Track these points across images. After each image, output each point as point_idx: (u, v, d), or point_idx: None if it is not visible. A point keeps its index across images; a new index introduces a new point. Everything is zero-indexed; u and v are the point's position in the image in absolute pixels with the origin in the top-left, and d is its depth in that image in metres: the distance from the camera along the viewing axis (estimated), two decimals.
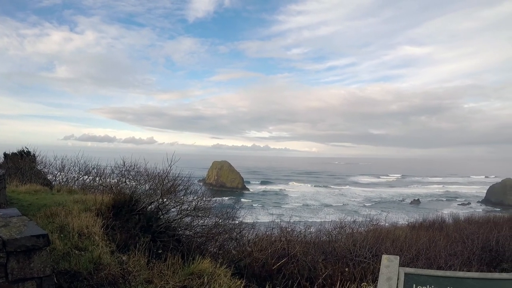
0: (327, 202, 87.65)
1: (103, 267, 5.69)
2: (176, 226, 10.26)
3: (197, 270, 6.18)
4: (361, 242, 10.90)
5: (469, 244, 13.03)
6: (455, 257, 11.44)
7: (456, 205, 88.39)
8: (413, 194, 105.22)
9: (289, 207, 77.24)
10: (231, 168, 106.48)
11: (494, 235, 13.40)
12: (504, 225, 16.18)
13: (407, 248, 11.25)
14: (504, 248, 12.79)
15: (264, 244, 9.78)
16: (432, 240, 13.04)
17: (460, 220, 22.86)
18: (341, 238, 12.04)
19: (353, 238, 11.54)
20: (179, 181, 11.57)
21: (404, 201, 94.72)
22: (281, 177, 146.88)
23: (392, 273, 2.69)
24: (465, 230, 15.27)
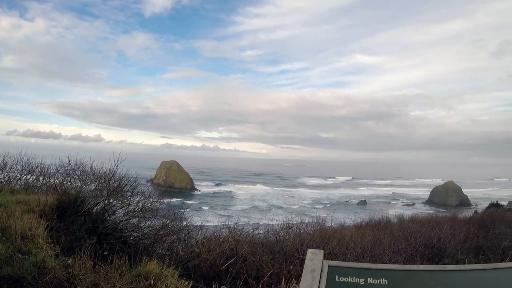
0: (276, 203, 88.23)
1: (48, 271, 5.51)
2: (123, 227, 10.05)
3: (144, 272, 6.11)
4: (308, 242, 11.05)
5: (412, 241, 13.46)
6: (399, 254, 11.78)
7: (401, 206, 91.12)
8: (361, 196, 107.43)
9: (238, 208, 77.25)
10: (180, 168, 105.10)
11: (435, 233, 13.89)
12: (445, 223, 16.76)
13: (353, 247, 11.48)
14: (445, 245, 13.29)
15: (213, 245, 9.77)
16: (377, 238, 13.38)
17: (405, 220, 23.48)
18: (289, 238, 12.15)
19: (300, 238, 11.67)
20: (126, 181, 11.37)
21: (352, 202, 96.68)
22: (230, 178, 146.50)
23: (316, 265, 2.83)
24: (408, 228, 15.74)
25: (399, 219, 24.34)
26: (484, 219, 20.59)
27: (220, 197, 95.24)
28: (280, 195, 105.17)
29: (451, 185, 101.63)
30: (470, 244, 14.22)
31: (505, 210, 28.47)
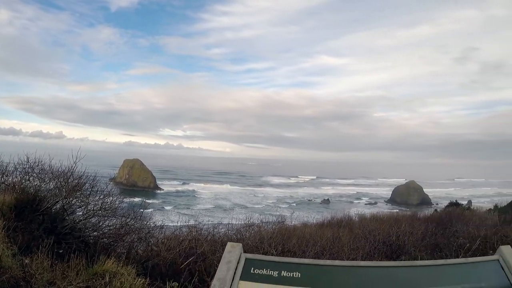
0: (239, 202, 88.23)
1: (5, 270, 5.47)
2: (82, 227, 9.96)
3: (100, 270, 6.11)
4: (268, 240, 11.15)
5: (371, 239, 13.67)
6: (358, 251, 11.99)
7: (363, 205, 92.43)
8: (324, 195, 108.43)
9: (202, 207, 76.83)
10: (143, 166, 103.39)
11: (394, 231, 14.18)
12: (404, 221, 17.09)
13: (312, 244, 11.60)
14: (404, 242, 13.56)
15: (173, 243, 9.76)
16: (337, 236, 13.60)
17: (366, 218, 23.83)
18: (249, 236, 12.24)
19: (260, 236, 11.78)
20: (86, 179, 11.23)
21: (315, 201, 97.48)
22: (194, 177, 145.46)
23: (232, 258, 2.94)
24: (368, 226, 15.99)
25: (360, 218, 24.69)
26: (443, 217, 21.04)
27: (183, 196, 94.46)
28: (244, 194, 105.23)
29: (413, 184, 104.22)
30: (428, 241, 14.52)
31: (463, 208, 29.25)
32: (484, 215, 23.39)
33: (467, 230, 15.16)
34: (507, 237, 13.72)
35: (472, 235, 14.22)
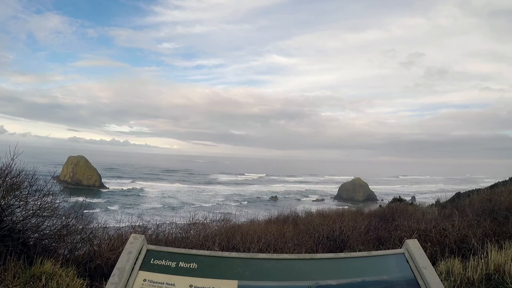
0: (187, 200, 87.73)
1: None
2: (22, 228, 9.73)
3: (38, 272, 6.03)
4: (213, 237, 11.22)
5: (315, 234, 13.92)
6: (301, 246, 12.21)
7: (311, 201, 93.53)
8: (272, 192, 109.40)
9: (149, 206, 75.94)
10: (88, 164, 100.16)
11: (338, 226, 14.48)
12: (348, 216, 17.43)
13: (257, 240, 11.73)
14: (347, 236, 13.87)
15: (116, 243, 9.67)
16: (281, 232, 13.78)
17: (312, 214, 24.15)
18: (194, 234, 12.26)
19: (205, 234, 11.83)
20: (25, 177, 10.87)
21: (263, 199, 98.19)
22: (141, 174, 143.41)
23: (133, 249, 3.01)
24: (312, 222, 16.26)
25: (306, 214, 25.01)
26: (386, 212, 21.48)
27: (129, 195, 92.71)
28: (192, 192, 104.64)
29: (358, 181, 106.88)
30: (371, 235, 14.83)
31: (406, 204, 30.07)
32: (426, 210, 24.19)
33: (408, 224, 15.60)
34: (446, 230, 14.21)
35: (412, 229, 14.68)
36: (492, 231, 13.94)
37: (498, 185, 33.15)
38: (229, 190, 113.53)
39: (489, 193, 24.17)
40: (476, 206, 19.45)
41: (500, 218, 15.63)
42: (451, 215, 17.58)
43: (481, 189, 32.18)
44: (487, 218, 15.85)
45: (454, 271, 7.59)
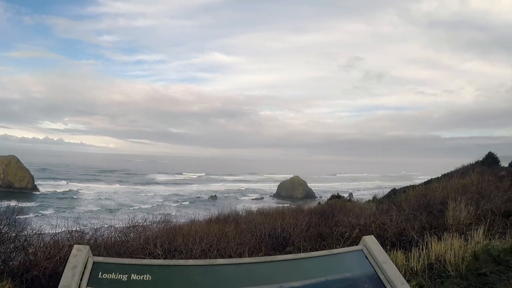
0: (125, 202, 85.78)
1: None
2: None
3: None
4: (154, 239, 10.96)
5: (257, 232, 13.90)
6: (244, 245, 12.13)
7: (250, 200, 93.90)
8: (212, 191, 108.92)
9: (85, 209, 73.46)
10: (19, 164, 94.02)
11: (279, 223, 14.52)
12: (289, 214, 17.55)
13: (198, 241, 11.56)
14: (289, 234, 13.93)
15: (52, 251, 9.22)
16: (223, 232, 13.67)
17: (253, 213, 24.18)
18: (134, 237, 11.94)
19: (145, 236, 11.55)
20: None
21: (203, 198, 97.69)
22: (76, 175, 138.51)
23: (78, 262, 2.70)
24: (254, 220, 16.25)
25: (247, 212, 25.04)
26: (325, 209, 21.74)
27: (64, 198, 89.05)
28: (129, 193, 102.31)
29: (297, 179, 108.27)
30: (312, 231, 14.96)
31: (345, 200, 30.71)
32: (364, 205, 24.74)
33: (348, 220, 15.86)
34: (384, 224, 14.55)
35: (352, 224, 14.93)
36: (429, 224, 14.40)
37: (431, 182, 34.51)
38: (168, 190, 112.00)
39: (424, 189, 25.07)
40: (412, 201, 20.10)
41: (435, 212, 16.17)
42: (388, 210, 18.04)
43: (416, 185, 33.28)
44: (423, 212, 16.36)
45: (398, 262, 7.87)
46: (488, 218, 14.35)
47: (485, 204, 16.71)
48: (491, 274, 7.30)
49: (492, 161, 52.27)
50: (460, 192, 19.04)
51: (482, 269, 7.56)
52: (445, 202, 16.53)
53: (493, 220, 14.45)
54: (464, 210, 14.81)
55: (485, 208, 16.07)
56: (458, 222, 14.15)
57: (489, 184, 23.35)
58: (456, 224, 13.91)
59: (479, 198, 18.34)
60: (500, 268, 7.63)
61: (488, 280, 7.00)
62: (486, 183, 23.33)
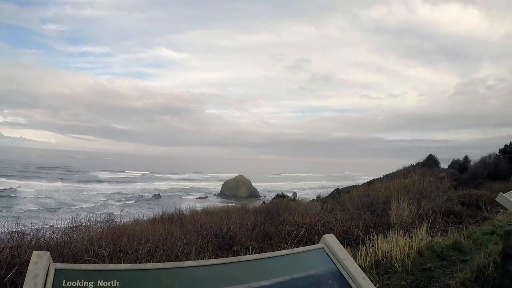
0: (67, 200, 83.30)
1: None
2: None
3: None
4: (98, 240, 10.68)
5: (204, 232, 13.84)
6: (191, 245, 12.04)
7: (195, 199, 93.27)
8: (155, 190, 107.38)
9: (24, 208, 70.85)
10: None
11: (225, 223, 14.52)
12: (234, 213, 17.56)
13: (144, 242, 11.38)
14: (235, 233, 13.93)
15: None
16: (169, 231, 13.52)
17: (198, 212, 24.07)
18: (77, 238, 11.59)
19: (89, 237, 11.24)
20: None
21: (147, 197, 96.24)
22: (14, 172, 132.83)
23: (40, 270, 2.49)
24: (199, 220, 16.18)
25: (191, 212, 24.90)
26: (271, 208, 21.89)
27: (1, 196, 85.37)
28: (71, 191, 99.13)
29: (241, 178, 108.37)
30: (258, 231, 15.02)
31: (289, 200, 31.11)
32: (308, 205, 25.14)
33: (293, 219, 16.03)
34: (329, 223, 14.80)
35: (298, 223, 15.11)
36: (373, 223, 14.76)
37: (374, 182, 35.46)
38: (111, 188, 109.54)
39: (367, 189, 25.67)
40: (356, 201, 20.55)
41: (379, 211, 16.60)
42: (333, 209, 18.37)
43: (359, 185, 34.06)
44: (367, 211, 16.76)
45: None
46: (429, 216, 14.91)
47: (426, 203, 17.33)
48: (436, 269, 7.64)
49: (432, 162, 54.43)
50: (402, 192, 19.63)
51: (427, 265, 7.92)
52: (388, 202, 16.99)
53: (435, 219, 15.03)
54: (407, 209, 15.27)
55: (426, 207, 16.67)
56: (401, 220, 14.58)
57: (430, 184, 24.24)
58: (400, 222, 14.32)
59: (420, 197, 19.01)
60: (443, 263, 8.02)
61: (433, 275, 7.29)
62: (427, 183, 24.20)
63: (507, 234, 4.28)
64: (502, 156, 48.10)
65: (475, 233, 11.24)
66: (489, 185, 33.15)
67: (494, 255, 7.01)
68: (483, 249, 8.41)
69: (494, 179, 39.41)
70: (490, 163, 45.73)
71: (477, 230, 11.76)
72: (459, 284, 6.34)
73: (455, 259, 8.29)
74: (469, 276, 6.56)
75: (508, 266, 4.26)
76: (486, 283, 6.14)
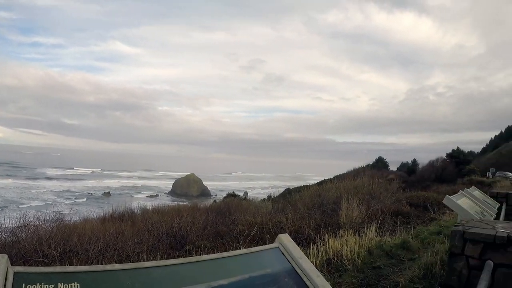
0: (13, 198, 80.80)
1: None
2: None
3: None
4: (47, 240, 10.44)
5: (155, 231, 13.74)
6: (142, 245, 11.92)
7: (145, 197, 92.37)
8: (106, 188, 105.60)
9: None
10: None
11: (177, 222, 14.45)
12: (186, 212, 17.50)
13: (95, 241, 11.21)
14: (186, 232, 13.89)
15: None
16: (119, 230, 13.35)
17: (148, 211, 23.84)
18: (26, 238, 11.29)
19: (38, 237, 10.96)
20: None
21: (97, 195, 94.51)
22: None
23: None
24: (150, 219, 16.05)
25: (142, 210, 24.64)
26: (222, 207, 21.99)
27: None
28: (19, 188, 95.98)
29: (192, 177, 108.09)
30: (210, 230, 15.05)
31: (240, 199, 31.26)
32: (259, 204, 25.31)
33: (245, 218, 16.11)
34: (281, 222, 14.94)
35: (249, 222, 15.19)
36: (323, 222, 15.00)
37: (325, 182, 36.06)
38: (61, 186, 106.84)
39: (318, 189, 26.07)
40: (307, 201, 20.84)
41: (329, 211, 16.89)
42: (284, 209, 18.57)
43: (310, 185, 34.51)
44: (318, 211, 17.02)
45: None
46: (378, 216, 15.31)
47: (375, 204, 17.76)
48: (385, 267, 7.88)
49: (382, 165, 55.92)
50: (352, 193, 20.04)
51: (377, 263, 8.15)
52: (338, 202, 17.30)
53: (384, 219, 15.44)
54: (357, 209, 15.58)
55: (375, 207, 17.08)
56: (351, 220, 14.85)
57: (379, 186, 24.88)
58: (350, 222, 14.59)
59: (370, 198, 19.48)
60: (392, 262, 8.27)
61: (382, 273, 7.50)
62: (377, 185, 24.82)
63: (453, 234, 4.47)
64: (449, 160, 50.22)
65: (423, 233, 11.57)
66: (436, 188, 34.44)
67: (441, 254, 7.28)
68: (430, 248, 8.69)
69: (441, 182, 40.97)
70: (437, 166, 47.51)
71: (425, 230, 12.11)
72: (407, 281, 6.55)
73: (403, 257, 8.55)
74: (417, 273, 6.78)
75: (454, 264, 4.44)
76: (433, 280, 6.37)
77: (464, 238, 4.44)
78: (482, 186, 29.35)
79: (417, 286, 6.25)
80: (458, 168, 47.97)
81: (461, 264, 4.47)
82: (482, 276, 3.80)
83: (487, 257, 4.31)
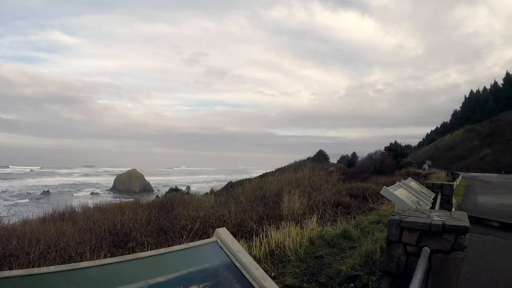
0: None
1: None
2: None
3: None
4: None
5: (97, 230, 13.47)
6: (85, 244, 11.66)
7: (86, 195, 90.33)
8: (45, 186, 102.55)
9: None
10: None
11: (119, 219, 14.22)
12: (128, 209, 17.25)
13: (35, 243, 10.87)
14: (129, 229, 13.69)
15: None
16: (61, 231, 13.00)
17: (90, 209, 23.33)
18: None
19: None
20: None
21: (35, 194, 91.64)
22: None
23: None
24: (92, 217, 15.71)
25: (83, 209, 24.09)
26: (164, 203, 21.83)
27: None
28: None
29: (134, 172, 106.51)
30: (153, 226, 14.93)
31: (183, 194, 31.07)
32: (202, 198, 25.27)
33: (188, 213, 16.06)
34: (224, 216, 14.98)
35: (192, 217, 15.15)
36: (266, 215, 15.13)
37: (267, 175, 36.46)
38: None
39: (260, 182, 26.28)
40: (249, 194, 20.98)
41: (271, 203, 17.05)
42: (226, 202, 18.62)
43: (252, 178, 34.73)
44: (260, 204, 17.16)
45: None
46: (320, 208, 15.60)
47: (316, 195, 18.08)
48: (327, 256, 8.12)
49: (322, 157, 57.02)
50: (293, 185, 20.35)
51: (319, 252, 8.36)
52: (280, 194, 17.52)
53: (324, 210, 15.75)
54: (298, 201, 15.82)
55: (316, 199, 17.39)
56: (293, 212, 15.07)
57: (320, 178, 25.39)
58: (292, 214, 14.79)
59: (311, 190, 19.81)
60: (334, 251, 8.54)
61: (324, 261, 7.72)
62: (317, 177, 25.32)
63: (391, 223, 4.58)
64: (387, 153, 52.18)
65: (363, 222, 11.91)
66: (375, 179, 35.55)
67: (380, 242, 7.53)
68: (370, 237, 8.99)
69: (380, 173, 42.35)
70: (376, 159, 49.12)
71: (364, 220, 12.46)
72: (349, 269, 6.73)
73: (344, 246, 8.82)
74: (358, 261, 7.00)
75: (392, 251, 4.56)
76: (374, 267, 6.59)
77: (401, 227, 4.56)
78: (419, 178, 30.72)
79: (358, 273, 6.43)
80: (396, 161, 49.82)
81: (399, 251, 4.59)
82: (420, 261, 3.91)
83: (424, 244, 4.45)
